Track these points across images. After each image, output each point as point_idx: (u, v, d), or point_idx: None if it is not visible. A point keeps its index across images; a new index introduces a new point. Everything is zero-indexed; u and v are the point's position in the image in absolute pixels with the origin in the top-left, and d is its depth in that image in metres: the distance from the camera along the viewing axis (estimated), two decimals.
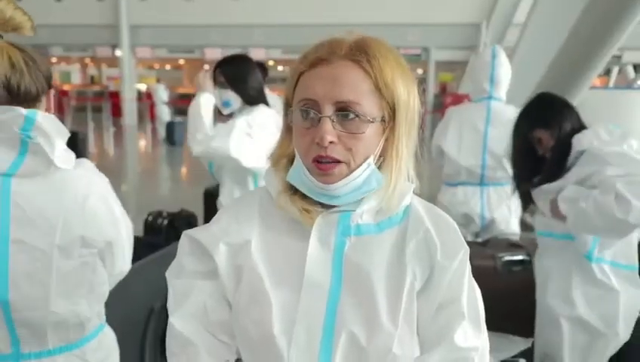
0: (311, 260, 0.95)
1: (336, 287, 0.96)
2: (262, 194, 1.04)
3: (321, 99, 0.91)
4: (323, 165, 0.92)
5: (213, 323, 1.00)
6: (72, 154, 1.41)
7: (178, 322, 1.00)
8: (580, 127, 2.24)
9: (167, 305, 1.04)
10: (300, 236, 0.97)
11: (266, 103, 2.72)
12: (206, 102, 2.64)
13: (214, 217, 1.07)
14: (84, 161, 1.47)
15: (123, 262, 1.53)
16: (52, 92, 1.42)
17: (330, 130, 0.90)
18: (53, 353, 1.41)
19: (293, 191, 0.99)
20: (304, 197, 0.98)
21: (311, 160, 0.93)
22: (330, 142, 0.90)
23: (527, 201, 2.41)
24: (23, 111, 1.29)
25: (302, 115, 0.93)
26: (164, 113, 15.14)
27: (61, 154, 1.35)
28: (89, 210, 1.39)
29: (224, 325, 1.00)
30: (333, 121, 0.91)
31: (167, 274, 1.05)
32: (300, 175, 0.95)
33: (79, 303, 1.41)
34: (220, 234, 1.00)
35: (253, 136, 2.55)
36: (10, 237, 1.32)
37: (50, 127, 1.32)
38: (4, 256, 1.32)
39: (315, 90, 0.92)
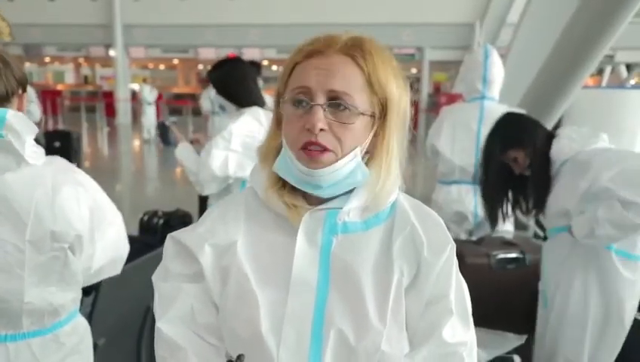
0: (298, 258, 0.96)
1: (323, 285, 0.96)
2: (248, 193, 1.05)
3: (315, 88, 0.93)
4: (311, 151, 0.93)
5: (200, 325, 0.99)
6: (42, 150, 1.43)
7: (165, 326, 0.99)
8: (550, 136, 2.28)
9: (154, 309, 1.02)
10: (287, 233, 0.98)
11: (260, 104, 2.72)
12: (182, 152, 2.76)
13: (200, 218, 1.07)
14: (55, 157, 1.49)
15: (95, 254, 1.51)
16: (25, 95, 1.45)
17: (321, 118, 0.92)
18: (29, 336, 1.44)
19: (280, 186, 0.99)
20: (291, 192, 0.99)
21: (300, 146, 0.93)
22: (321, 130, 0.92)
23: (496, 220, 2.44)
24: None
25: (294, 102, 0.95)
26: (149, 115, 14.27)
27: (31, 150, 1.38)
28: (59, 204, 1.40)
29: (212, 327, 0.99)
30: (324, 110, 0.92)
31: (154, 277, 1.04)
32: (287, 162, 0.96)
33: (52, 292, 1.44)
34: (205, 235, 1.00)
35: (235, 147, 2.60)
36: None
37: (20, 125, 1.35)
38: None
39: (309, 78, 0.93)
